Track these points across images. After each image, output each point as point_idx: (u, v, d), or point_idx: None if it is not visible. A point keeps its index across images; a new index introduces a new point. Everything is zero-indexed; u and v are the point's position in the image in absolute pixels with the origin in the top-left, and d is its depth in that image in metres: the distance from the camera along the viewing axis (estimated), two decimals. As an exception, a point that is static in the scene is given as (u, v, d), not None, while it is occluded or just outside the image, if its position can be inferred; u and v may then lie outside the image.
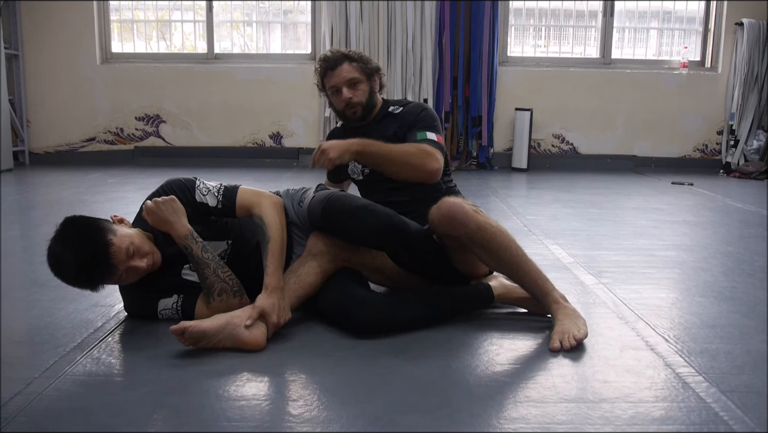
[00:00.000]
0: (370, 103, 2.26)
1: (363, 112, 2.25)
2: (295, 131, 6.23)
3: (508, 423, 1.39)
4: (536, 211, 4.04)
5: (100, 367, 1.66)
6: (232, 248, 2.00)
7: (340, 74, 2.22)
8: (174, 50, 6.47)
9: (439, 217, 1.89)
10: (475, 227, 1.86)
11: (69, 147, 6.23)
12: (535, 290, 1.94)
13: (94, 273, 1.76)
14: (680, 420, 1.40)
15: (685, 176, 5.65)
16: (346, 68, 2.22)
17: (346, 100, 2.22)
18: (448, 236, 1.93)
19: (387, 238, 1.90)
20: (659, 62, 6.43)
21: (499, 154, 6.25)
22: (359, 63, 2.24)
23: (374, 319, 1.85)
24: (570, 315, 1.87)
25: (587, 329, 1.83)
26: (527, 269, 1.92)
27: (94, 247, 1.73)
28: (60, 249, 1.74)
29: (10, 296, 2.29)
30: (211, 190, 1.97)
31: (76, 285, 1.80)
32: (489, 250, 1.89)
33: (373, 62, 2.30)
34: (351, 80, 2.22)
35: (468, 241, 1.89)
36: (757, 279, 2.51)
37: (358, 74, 2.22)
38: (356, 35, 5.91)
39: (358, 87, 2.23)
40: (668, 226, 3.60)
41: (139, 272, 1.83)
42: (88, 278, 1.77)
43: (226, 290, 1.85)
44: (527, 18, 6.44)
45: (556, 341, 1.77)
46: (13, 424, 1.36)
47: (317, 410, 1.43)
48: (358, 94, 2.23)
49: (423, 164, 2.07)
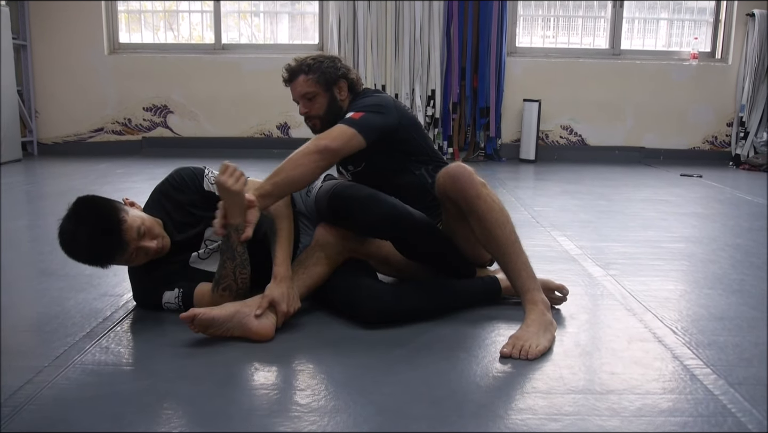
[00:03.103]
0: (331, 114, 2.17)
1: (322, 125, 2.18)
2: (302, 122, 6.17)
3: (516, 414, 1.39)
4: (544, 202, 4.03)
5: (110, 356, 1.67)
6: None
7: (296, 88, 2.19)
8: (181, 41, 6.47)
9: (446, 176, 1.91)
10: (475, 193, 1.86)
11: (77, 137, 6.24)
12: (516, 281, 1.87)
13: (106, 249, 1.78)
14: (688, 412, 1.40)
15: (694, 168, 5.62)
16: (301, 82, 2.17)
17: (304, 113, 2.20)
18: (449, 198, 1.92)
19: (392, 227, 1.89)
20: (669, 53, 6.38)
21: (506, 145, 6.23)
22: (317, 74, 2.15)
23: (382, 310, 1.86)
24: (540, 324, 1.76)
25: (548, 346, 1.70)
26: (514, 257, 1.87)
27: (106, 223, 1.76)
28: (72, 225, 1.76)
29: (19, 286, 2.30)
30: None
31: (87, 261, 1.82)
32: (483, 222, 1.87)
33: (336, 68, 2.19)
34: (306, 94, 2.17)
35: (466, 207, 1.88)
36: (766, 271, 2.50)
37: (313, 88, 2.16)
38: (364, 25, 5.89)
39: (314, 101, 2.17)
40: (677, 218, 3.58)
41: (148, 253, 1.84)
42: (99, 255, 1.79)
43: (231, 289, 1.85)
44: (536, 8, 6.40)
45: (509, 347, 1.67)
46: (24, 412, 1.37)
47: (325, 400, 1.44)
48: (315, 108, 2.18)
49: (305, 154, 1.91)
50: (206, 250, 1.97)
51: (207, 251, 1.97)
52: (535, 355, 1.65)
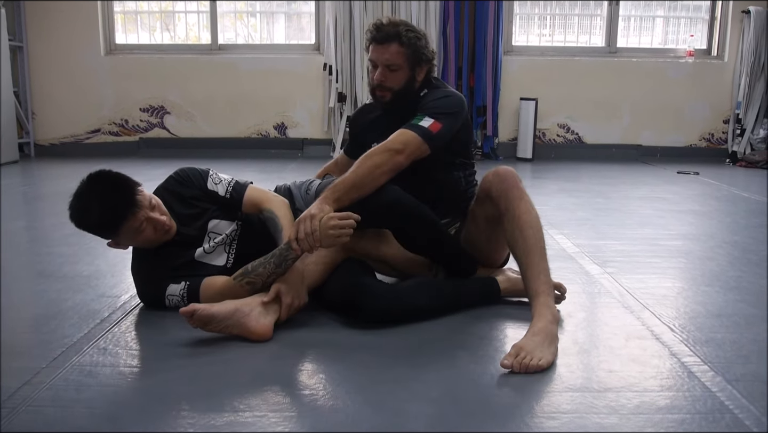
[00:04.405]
0: (404, 91, 2.08)
1: (392, 98, 2.09)
2: (299, 122, 6.22)
3: (514, 412, 1.40)
4: (541, 201, 4.01)
5: (107, 357, 1.67)
6: (242, 229, 2.04)
7: (383, 54, 2.04)
8: (178, 41, 6.46)
9: (494, 174, 1.95)
10: (519, 195, 1.90)
11: (74, 139, 6.24)
12: (533, 284, 1.82)
13: (118, 207, 1.81)
14: (686, 409, 1.40)
15: (691, 166, 5.62)
16: (393, 50, 2.03)
17: (378, 81, 2.07)
18: (491, 196, 1.93)
19: (397, 214, 1.91)
20: (665, 51, 6.39)
21: (504, 144, 6.23)
22: (409, 49, 2.04)
23: (381, 309, 1.86)
24: (546, 334, 1.67)
25: (551, 360, 1.61)
26: (537, 259, 1.84)
27: (121, 188, 1.83)
28: (86, 189, 1.82)
29: (16, 287, 2.30)
30: (222, 182, 2.04)
31: (97, 222, 1.84)
32: (517, 221, 1.87)
33: (427, 49, 2.09)
34: (391, 65, 2.04)
35: (505, 205, 1.89)
36: (764, 268, 2.50)
37: (401, 60, 2.04)
38: (360, 25, 5.88)
39: (396, 73, 2.05)
40: (674, 215, 3.58)
41: (157, 227, 1.86)
42: (111, 217, 1.82)
43: (254, 286, 1.84)
44: (532, 7, 6.40)
45: (511, 358, 1.58)
46: (22, 414, 1.37)
47: (323, 399, 1.44)
48: (393, 81, 2.06)
49: (384, 172, 1.90)
50: (211, 244, 1.98)
51: (212, 244, 1.98)
52: (534, 370, 1.56)
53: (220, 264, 1.97)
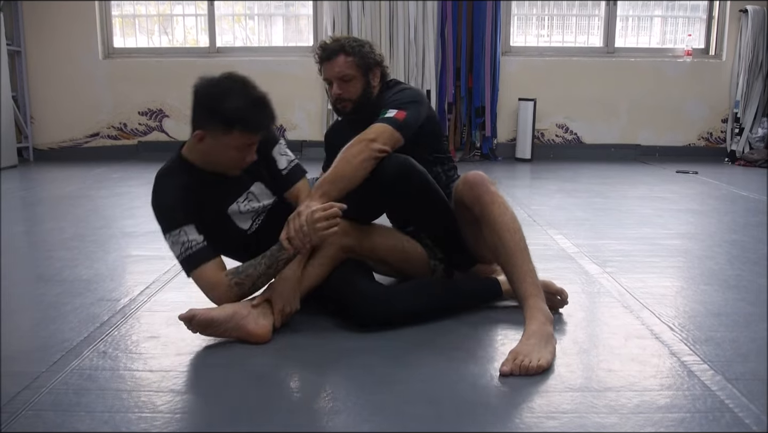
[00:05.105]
0: (363, 99, 2.14)
1: (353, 108, 2.16)
2: (298, 124, 6.22)
3: (514, 412, 1.40)
4: (540, 201, 4.03)
5: (107, 361, 1.67)
6: (274, 206, 1.99)
7: (333, 68, 2.12)
8: (176, 44, 6.46)
9: (463, 183, 1.95)
10: (490, 200, 1.89)
11: (73, 143, 6.24)
12: (520, 287, 1.82)
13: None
14: (685, 408, 1.40)
15: (690, 165, 5.63)
16: (340, 62, 2.11)
17: (336, 96, 2.16)
18: (464, 204, 1.95)
19: (406, 180, 1.92)
20: (663, 50, 6.39)
21: (502, 144, 6.23)
22: (356, 57, 2.12)
23: (381, 311, 1.85)
24: (540, 336, 1.68)
25: (550, 360, 1.61)
26: (521, 262, 1.84)
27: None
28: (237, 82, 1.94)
29: (16, 292, 2.30)
30: (287, 155, 2.01)
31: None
32: (494, 225, 1.87)
33: (374, 54, 2.18)
34: (344, 76, 2.11)
35: (479, 211, 1.90)
36: (762, 267, 2.50)
37: (352, 70, 2.11)
38: (358, 27, 5.88)
39: (351, 83, 2.12)
40: (673, 214, 3.59)
41: (247, 159, 1.85)
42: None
43: (243, 288, 1.81)
44: (530, 7, 6.41)
45: (509, 364, 1.57)
46: (22, 418, 1.37)
47: (323, 401, 1.44)
48: (350, 91, 2.13)
49: (362, 159, 1.92)
50: (247, 207, 1.93)
51: (248, 208, 1.93)
52: (535, 371, 1.56)
53: (244, 227, 1.93)
